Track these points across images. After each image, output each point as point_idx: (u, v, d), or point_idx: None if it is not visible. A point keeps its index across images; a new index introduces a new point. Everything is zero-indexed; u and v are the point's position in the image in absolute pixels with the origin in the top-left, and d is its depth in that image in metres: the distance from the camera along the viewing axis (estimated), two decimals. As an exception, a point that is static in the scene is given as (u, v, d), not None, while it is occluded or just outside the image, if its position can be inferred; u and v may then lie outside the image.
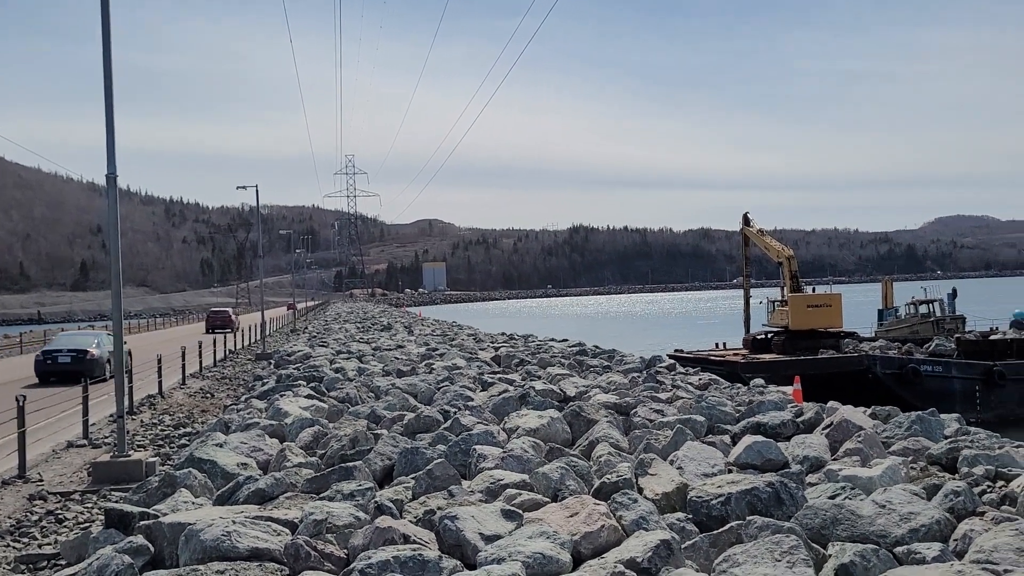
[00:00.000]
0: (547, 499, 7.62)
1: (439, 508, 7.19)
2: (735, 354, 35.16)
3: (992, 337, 33.83)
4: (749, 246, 40.63)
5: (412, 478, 8.51)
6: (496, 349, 26.44)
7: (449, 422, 11.52)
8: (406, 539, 6.27)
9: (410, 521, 7.13)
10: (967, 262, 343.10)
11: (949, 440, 10.36)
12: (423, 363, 21.67)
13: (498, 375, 18.38)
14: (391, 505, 7.39)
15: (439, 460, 8.69)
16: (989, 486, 8.26)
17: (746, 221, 40.14)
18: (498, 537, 6.28)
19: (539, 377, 17.69)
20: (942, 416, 12.16)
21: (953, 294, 42.38)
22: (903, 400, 24.01)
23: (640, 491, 7.83)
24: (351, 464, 8.86)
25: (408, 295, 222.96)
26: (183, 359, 25.02)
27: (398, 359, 23.50)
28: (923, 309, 40.11)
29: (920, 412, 11.79)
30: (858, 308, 47.50)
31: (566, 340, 32.98)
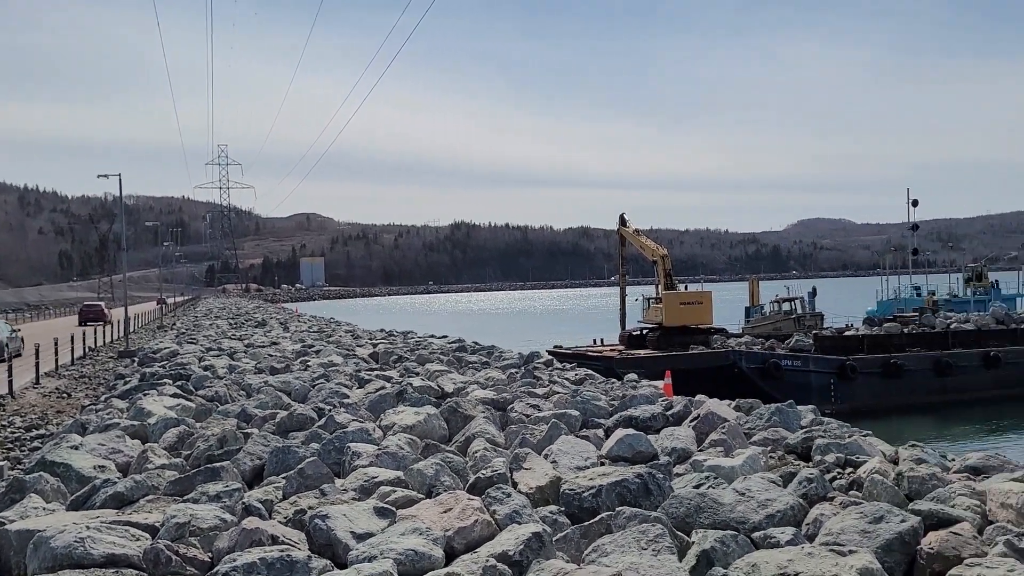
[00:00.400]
0: (422, 496, 7.59)
1: (310, 508, 7.04)
2: (612, 350, 36.08)
3: (846, 334, 36.03)
4: (625, 246, 41.79)
5: (283, 478, 8.31)
6: (374, 346, 26.12)
7: (323, 420, 11.30)
8: (274, 540, 6.11)
9: (280, 522, 6.96)
10: (826, 263, 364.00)
11: (804, 430, 10.95)
12: (298, 360, 21.17)
13: (375, 372, 18.18)
14: (259, 506, 7.19)
15: (311, 459, 8.51)
16: (839, 473, 8.77)
17: (622, 222, 41.27)
18: (370, 535, 6.21)
19: (417, 374, 17.61)
20: (799, 408, 12.86)
21: (813, 293, 44.83)
22: (766, 393, 25.22)
23: (515, 485, 7.91)
24: (218, 465, 8.56)
25: (285, 291, 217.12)
26: (37, 357, 23.51)
27: (272, 356, 22.87)
28: (786, 307, 42.26)
29: (779, 404, 12.43)
30: (727, 306, 49.58)
31: (446, 337, 32.94)
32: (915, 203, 45.44)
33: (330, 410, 12.16)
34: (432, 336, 33.43)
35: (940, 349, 33.71)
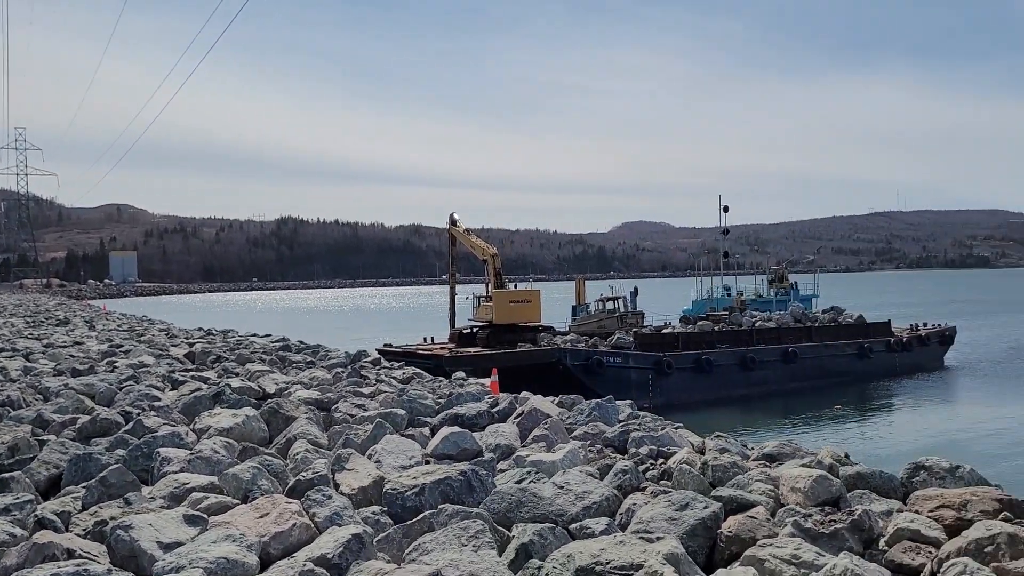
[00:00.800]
0: (237, 501, 7.28)
1: (112, 518, 6.58)
2: (442, 348, 36.17)
3: (664, 331, 38.02)
4: (456, 245, 42.09)
5: (83, 487, 7.71)
6: (191, 345, 24.83)
7: (131, 424, 10.59)
8: (70, 554, 5.67)
9: (78, 534, 6.46)
10: (647, 263, 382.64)
11: (622, 424, 11.44)
12: (104, 361, 19.74)
13: (191, 373, 17.26)
14: (54, 518, 6.65)
15: (115, 466, 7.96)
16: (652, 464, 9.24)
17: (452, 222, 41.54)
18: (179, 544, 5.89)
19: (237, 374, 16.89)
20: (618, 403, 13.43)
21: (635, 292, 46.90)
22: (589, 389, 26.19)
23: (337, 487, 7.76)
24: (7, 475, 7.84)
25: (92, 287, 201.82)
26: None
27: (74, 357, 21.20)
28: (610, 306, 43.97)
29: (600, 400, 12.92)
30: (555, 304, 50.99)
31: (269, 336, 31.84)
32: (726, 209, 48.53)
33: (139, 414, 11.41)
34: (254, 335, 32.23)
35: (746, 346, 36.32)
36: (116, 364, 18.71)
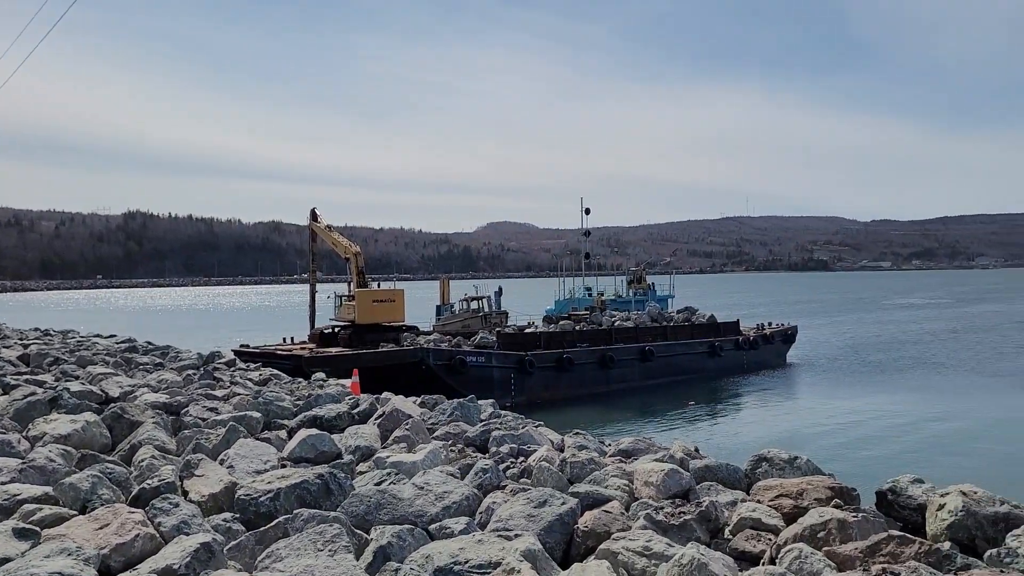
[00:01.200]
0: (75, 512, 6.83)
1: (-71, 536, 6.03)
2: (302, 348, 35.27)
3: (527, 331, 38.55)
4: (316, 241, 41.19)
5: None
6: (25, 347, 23.11)
7: (-46, 433, 9.75)
8: None
9: None
10: (512, 264, 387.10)
11: (484, 423, 11.53)
12: (-75, 365, 18.09)
13: (25, 376, 16.06)
14: None
15: (-66, 479, 7.31)
16: (512, 462, 9.35)
17: (314, 217, 40.65)
18: (7, 560, 5.47)
19: (77, 377, 15.85)
20: (480, 402, 13.52)
21: (499, 292, 47.30)
22: (452, 388, 26.20)
23: (185, 494, 7.43)
24: None
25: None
26: None
27: None
28: (474, 305, 44.16)
29: (462, 399, 12.97)
30: (420, 304, 50.72)
31: (114, 336, 30.12)
32: (588, 211, 49.73)
33: (-37, 421, 10.53)
34: (98, 336, 30.42)
35: (605, 344, 37.35)
36: (-63, 368, 17.18)
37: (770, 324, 50.99)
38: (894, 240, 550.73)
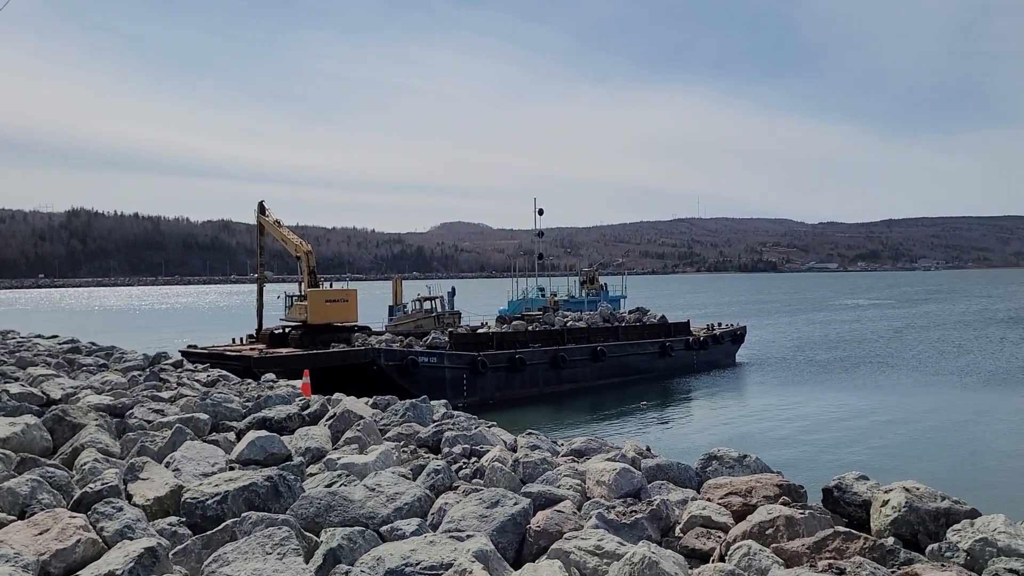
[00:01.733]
0: (13, 517, 6.63)
1: None
2: (252, 349, 34.72)
3: (479, 331, 38.49)
4: (264, 235, 40.50)
5: None
6: (-36, 347, 22.40)
7: None
8: None
9: None
10: (466, 264, 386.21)
11: (436, 424, 11.47)
12: None
13: (-38, 378, 15.56)
14: None
15: None
16: (465, 463, 9.32)
17: (261, 210, 39.94)
18: (-61, 570, 5.28)
19: (16, 379, 15.40)
20: (433, 403, 13.45)
21: (452, 292, 47.13)
22: (404, 389, 26.04)
23: (129, 498, 7.26)
24: None
25: None
26: None
27: None
28: (427, 306, 43.93)
29: (414, 400, 12.89)
30: (372, 304, 50.32)
31: (56, 337, 29.32)
32: (541, 212, 49.79)
33: None
34: (39, 336, 29.57)
35: (557, 345, 37.48)
36: None
37: (720, 324, 51.67)
38: (840, 242, 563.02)
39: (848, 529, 5.78)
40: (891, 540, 5.70)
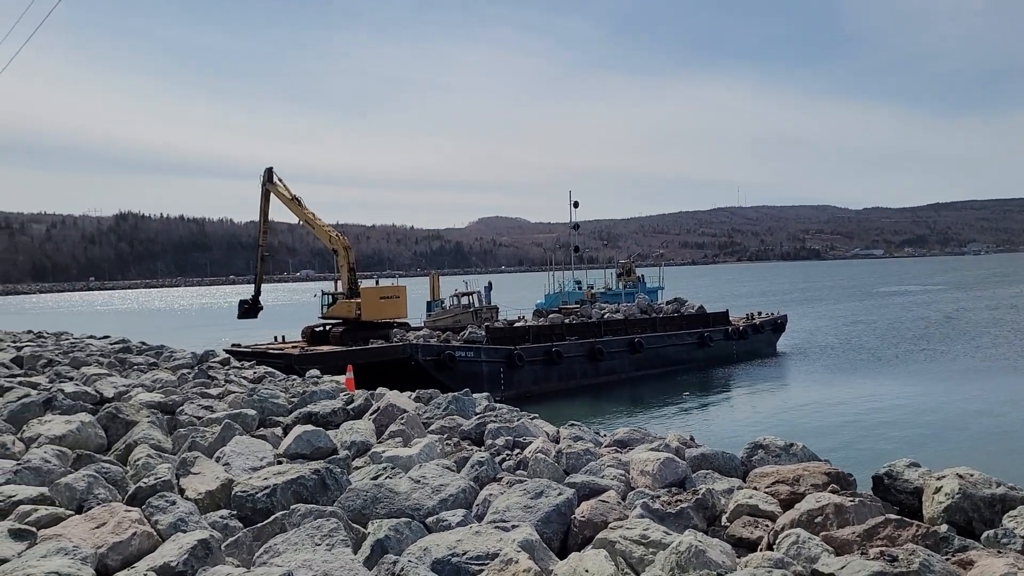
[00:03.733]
0: (71, 512, 6.81)
1: (-76, 538, 6.00)
2: (293, 347, 35.19)
3: (516, 325, 38.57)
4: (268, 202, 39.55)
5: None
6: (18, 349, 23.01)
7: (-53, 436, 9.71)
8: None
9: None
10: (504, 259, 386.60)
11: (479, 417, 11.53)
12: (-83, 368, 18.00)
13: (19, 378, 16.00)
14: None
15: (-72, 482, 7.27)
16: (508, 454, 9.35)
17: (269, 177, 38.94)
18: (4, 561, 5.45)
19: (71, 378, 15.80)
20: (475, 396, 13.51)
21: (489, 287, 47.25)
22: (441, 383, 26.18)
23: (181, 492, 7.42)
24: None
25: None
26: None
27: None
28: (464, 301, 44.11)
29: (456, 393, 12.95)
30: (411, 300, 50.57)
31: (108, 337, 30.00)
32: (576, 204, 49.67)
33: (-43, 424, 10.48)
34: (91, 337, 30.29)
35: (594, 337, 37.40)
36: (-71, 371, 17.11)
37: (760, 314, 51.12)
38: (886, 227, 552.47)
39: (900, 517, 5.69)
40: (944, 527, 5.60)
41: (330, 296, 38.55)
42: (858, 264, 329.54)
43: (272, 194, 39.12)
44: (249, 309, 41.70)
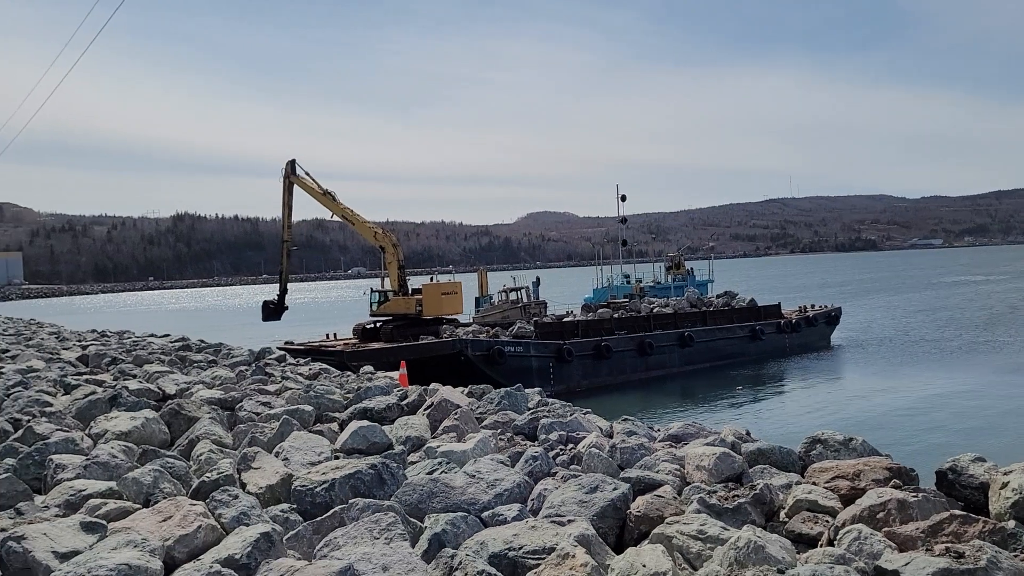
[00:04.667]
0: (138, 505, 7.02)
1: (3, 530, 6.24)
2: (344, 344, 35.62)
3: (564, 320, 38.50)
4: (292, 195, 38.92)
5: (-31, 500, 7.30)
6: (84, 348, 23.74)
7: (20, 432, 10.06)
8: (-43, 571, 5.36)
9: (-36, 550, 6.10)
10: (553, 253, 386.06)
11: (532, 411, 11.55)
12: (-11, 367, 18.69)
13: (85, 376, 16.52)
14: (-62, 534, 6.25)
15: (4, 475, 7.56)
16: (562, 449, 9.36)
17: (292, 169, 38.34)
18: (76, 553, 5.64)
19: (134, 376, 16.26)
20: (527, 391, 13.55)
21: (537, 282, 47.28)
22: (491, 378, 26.29)
23: (243, 486, 7.58)
24: None
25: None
26: None
27: (-45, 364, 19.98)
28: (512, 296, 44.15)
29: (509, 388, 13.01)
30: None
31: (168, 335, 30.75)
32: (624, 198, 49.30)
33: (29, 421, 10.86)
34: (152, 335, 31.08)
35: (643, 331, 37.15)
36: (2, 370, 17.73)
37: (813, 306, 50.25)
38: (945, 217, 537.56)
39: (965, 512, 5.56)
40: (1012, 523, 5.46)
41: (380, 293, 38.74)
42: (916, 255, 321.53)
43: (297, 186, 38.40)
44: (274, 310, 41.10)
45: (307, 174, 38.31)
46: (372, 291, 39.26)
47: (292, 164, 38.45)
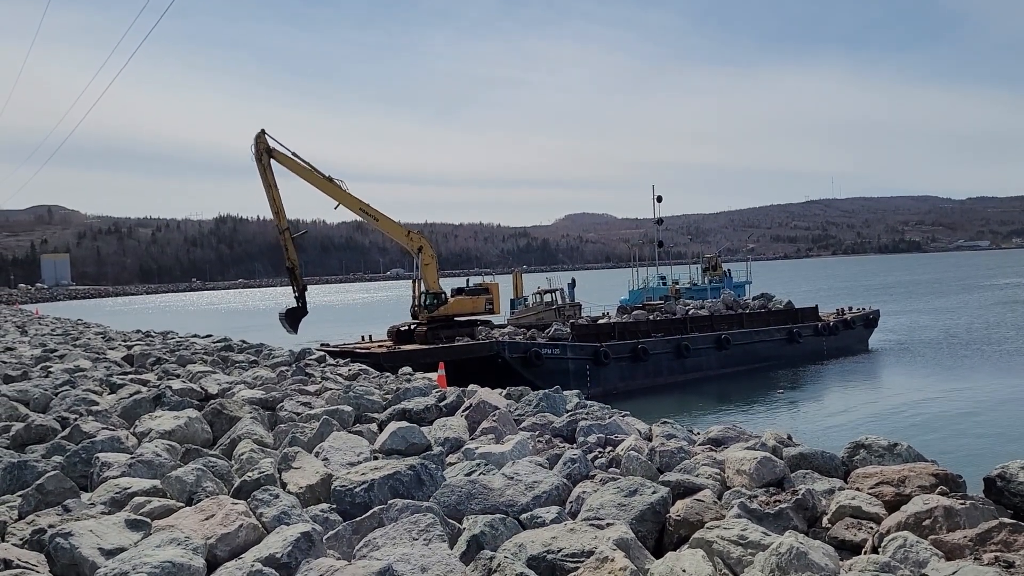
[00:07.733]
0: (181, 504, 7.14)
1: (51, 526, 6.38)
2: (380, 346, 35.79)
3: (600, 322, 38.34)
4: (272, 173, 33.53)
5: (19, 496, 7.48)
6: (129, 348, 24.20)
7: (68, 430, 10.28)
8: (7, 564, 5.48)
9: (15, 544, 6.26)
10: (591, 255, 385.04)
11: (570, 414, 11.52)
12: (38, 366, 19.13)
13: (130, 376, 16.85)
14: (-11, 529, 6.42)
15: (52, 473, 7.72)
16: (600, 452, 9.31)
17: (267, 145, 33.24)
18: (122, 550, 5.74)
19: (178, 376, 16.53)
20: (565, 393, 13.52)
21: (572, 284, 47.13)
22: (528, 380, 26.28)
23: (284, 486, 7.66)
24: (-63, 487, 7.54)
25: (23, 291, 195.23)
26: None
27: (6, 363, 20.48)
28: (547, 298, 44.02)
29: (547, 390, 12.99)
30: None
31: (211, 336, 31.23)
32: (660, 199, 48.88)
33: (76, 419, 11.09)
34: (195, 336, 31.57)
35: (680, 333, 36.87)
36: (51, 369, 18.17)
37: (851, 309, 49.48)
38: (992, 218, 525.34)
39: (1015, 521, 5.43)
40: (1064, 533, 5.31)
41: (433, 295, 37.86)
42: (962, 256, 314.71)
43: (276, 162, 32.92)
44: (294, 319, 38.52)
45: (291, 153, 32.90)
46: (425, 293, 38.14)
47: (264, 138, 32.80)
